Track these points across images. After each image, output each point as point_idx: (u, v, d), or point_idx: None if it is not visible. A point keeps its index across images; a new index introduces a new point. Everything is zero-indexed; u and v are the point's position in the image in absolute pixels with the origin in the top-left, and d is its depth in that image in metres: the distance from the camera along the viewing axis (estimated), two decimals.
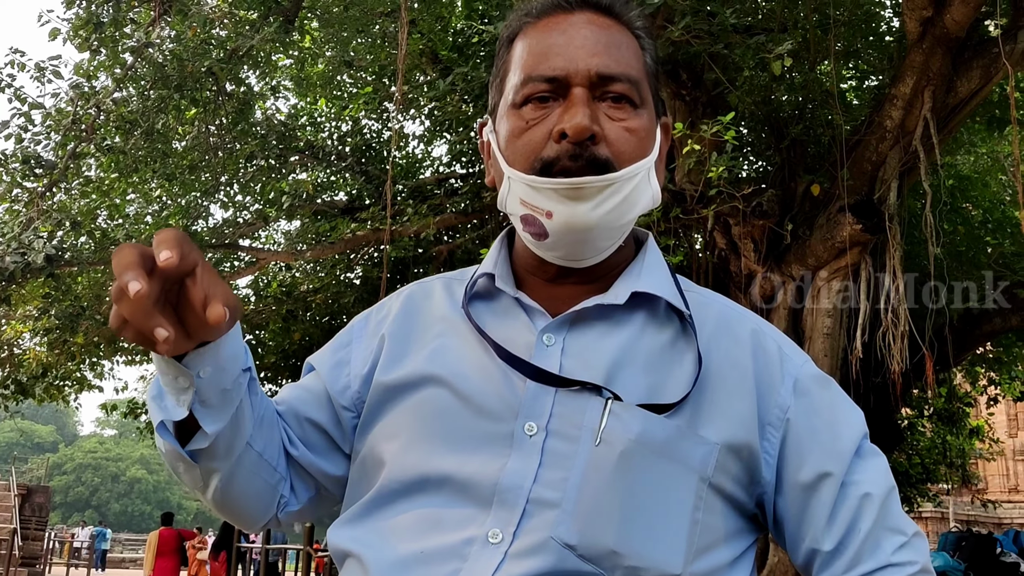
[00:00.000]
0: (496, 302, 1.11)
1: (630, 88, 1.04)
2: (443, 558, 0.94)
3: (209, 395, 0.96)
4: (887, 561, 1.00)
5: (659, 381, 1.01)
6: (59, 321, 8.43)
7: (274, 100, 9.76)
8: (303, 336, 9.91)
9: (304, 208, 9.43)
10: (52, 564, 25.50)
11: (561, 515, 0.93)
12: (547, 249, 1.06)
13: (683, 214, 6.36)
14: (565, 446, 0.97)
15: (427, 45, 8.06)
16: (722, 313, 1.10)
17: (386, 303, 1.21)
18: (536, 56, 1.05)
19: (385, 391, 1.09)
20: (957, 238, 8.17)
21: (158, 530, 13.40)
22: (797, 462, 1.03)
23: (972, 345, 8.62)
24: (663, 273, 1.10)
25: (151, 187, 9.02)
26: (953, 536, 10.77)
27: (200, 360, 0.93)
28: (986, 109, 7.53)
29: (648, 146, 1.05)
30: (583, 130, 0.99)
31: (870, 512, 1.02)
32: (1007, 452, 27.18)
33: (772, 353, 1.07)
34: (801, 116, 6.79)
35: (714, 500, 0.99)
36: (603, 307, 1.05)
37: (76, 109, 7.26)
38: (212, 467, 1.04)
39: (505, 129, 1.06)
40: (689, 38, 5.72)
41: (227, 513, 1.13)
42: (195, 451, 1.01)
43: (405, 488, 1.01)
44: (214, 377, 0.95)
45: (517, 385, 1.01)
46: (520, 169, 1.03)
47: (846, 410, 1.08)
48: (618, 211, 1.02)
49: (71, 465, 66.86)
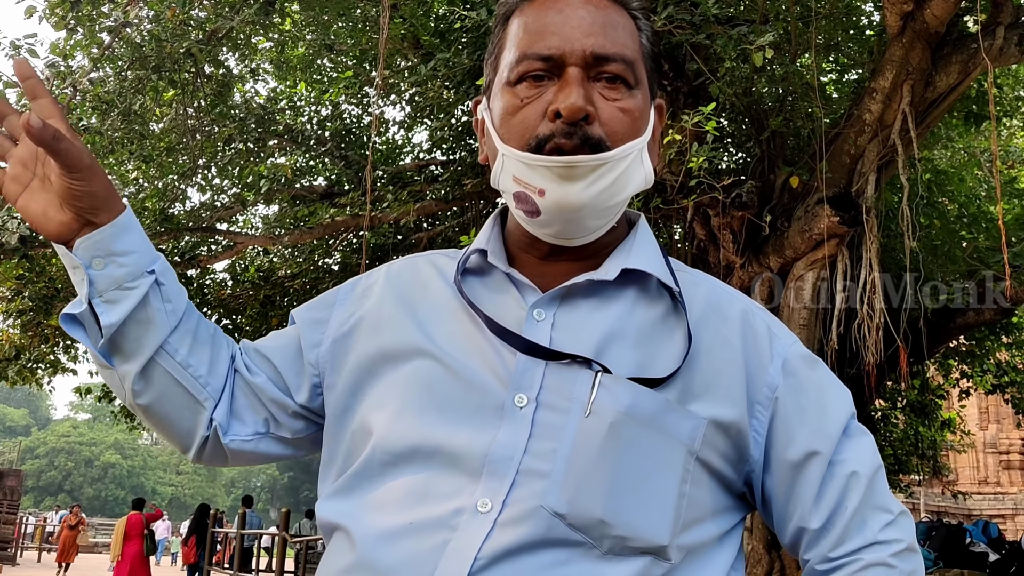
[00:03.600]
0: (488, 277, 1.11)
1: (625, 68, 1.05)
2: (432, 528, 0.94)
3: (105, 288, 1.04)
4: (873, 539, 1.01)
5: (649, 356, 1.02)
6: (33, 303, 8.34)
7: (253, 83, 9.67)
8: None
9: (283, 192, 9.36)
10: (24, 548, 25.30)
11: (551, 485, 0.94)
12: (539, 227, 1.06)
13: (663, 204, 6.37)
14: (555, 418, 0.97)
15: (409, 30, 8.00)
16: (712, 293, 1.11)
17: (373, 274, 1.21)
18: (532, 34, 1.05)
19: (369, 360, 1.09)
20: (933, 232, 8.25)
21: (127, 515, 13.38)
22: (785, 441, 1.04)
23: (946, 338, 8.71)
24: (654, 252, 1.11)
25: (127, 169, 8.91)
26: (924, 526, 10.90)
27: (89, 249, 1.03)
28: (964, 104, 7.59)
29: (641, 127, 1.06)
30: (577, 110, 0.99)
31: (857, 491, 1.03)
32: (978, 444, 27.57)
33: (761, 333, 1.08)
34: (781, 108, 6.81)
35: (701, 475, 0.99)
36: (594, 283, 1.06)
37: (52, 89, 7.16)
38: (124, 368, 1.09)
39: (500, 107, 1.07)
40: (671, 28, 5.71)
41: (152, 424, 1.16)
42: (105, 351, 1.08)
43: (394, 459, 1.01)
44: (109, 271, 1.03)
45: (507, 358, 1.02)
46: (514, 147, 1.03)
47: (834, 390, 1.09)
48: (610, 191, 1.02)
49: (44, 449, 66.32)
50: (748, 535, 6.68)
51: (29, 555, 25.92)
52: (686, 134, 5.63)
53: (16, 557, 21.96)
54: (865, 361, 6.28)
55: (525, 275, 1.09)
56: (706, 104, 5.48)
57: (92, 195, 1.02)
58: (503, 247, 1.14)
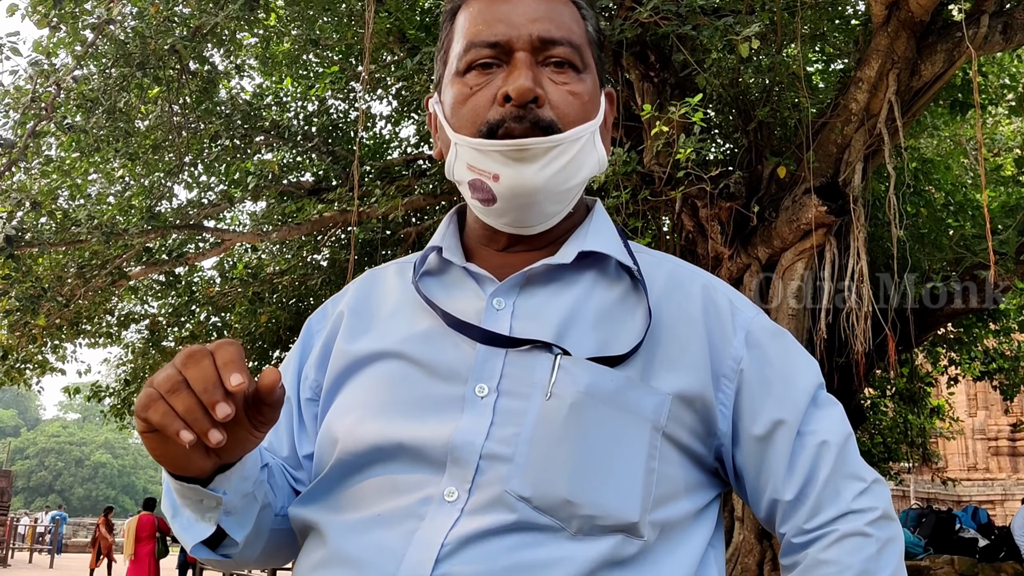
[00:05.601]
0: (446, 275, 1.12)
1: (572, 52, 1.05)
2: (400, 518, 0.94)
3: (234, 504, 0.97)
4: (848, 508, 1.00)
5: (609, 336, 1.01)
6: (19, 303, 8.28)
7: (239, 79, 9.60)
8: (270, 318, 9.83)
9: (270, 189, 9.32)
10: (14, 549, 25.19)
11: (514, 469, 0.94)
12: (496, 216, 1.07)
13: (651, 196, 6.38)
14: (517, 404, 0.97)
15: (394, 24, 7.97)
16: (673, 271, 1.11)
17: (343, 291, 1.22)
18: (479, 24, 1.06)
19: (337, 373, 1.10)
20: (920, 220, 8.28)
21: (137, 516, 13.26)
22: (752, 412, 1.04)
23: (934, 326, 8.75)
24: (611, 234, 1.11)
25: (113, 167, 8.86)
26: (914, 513, 10.97)
27: (227, 481, 0.95)
28: (949, 93, 7.62)
29: (592, 110, 1.07)
30: (526, 91, 1.00)
31: (828, 460, 1.02)
32: (966, 431, 27.73)
33: (723, 307, 1.08)
34: (768, 98, 6.82)
35: (670, 451, 0.99)
36: (552, 268, 1.06)
37: (35, 87, 7.11)
38: (246, 555, 1.06)
39: (450, 97, 1.08)
40: (657, 19, 5.71)
41: (265, 566, 1.17)
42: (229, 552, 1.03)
43: (359, 461, 1.01)
44: (238, 487, 0.97)
45: (467, 351, 1.02)
46: (466, 134, 1.04)
47: (800, 360, 1.09)
48: (564, 173, 1.03)
49: (34, 449, 66.01)
50: (740, 525, 6.71)
51: (20, 556, 25.82)
52: (673, 125, 5.64)
53: (7, 558, 21.87)
54: (854, 350, 6.30)
55: (484, 268, 1.09)
56: (693, 95, 5.48)
57: (257, 444, 0.95)
58: (459, 243, 1.14)
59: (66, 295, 8.67)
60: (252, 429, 0.90)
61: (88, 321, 9.79)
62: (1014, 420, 20.99)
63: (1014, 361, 11.33)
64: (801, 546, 1.01)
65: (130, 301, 10.69)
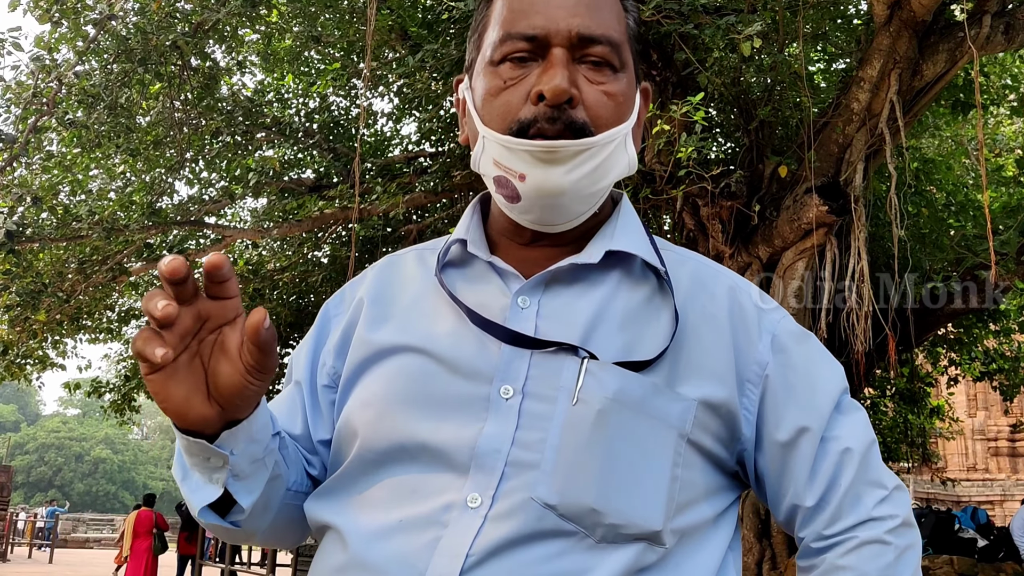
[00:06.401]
0: (469, 268, 1.09)
1: (610, 51, 1.02)
2: (423, 525, 0.93)
3: (242, 468, 0.95)
4: (868, 515, 1.00)
5: (635, 338, 0.99)
6: (20, 298, 8.29)
7: (240, 75, 9.61)
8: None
9: (271, 185, 9.32)
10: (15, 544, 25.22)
11: (540, 475, 0.92)
12: (520, 212, 1.04)
13: (652, 194, 6.37)
14: (542, 407, 0.95)
15: (396, 21, 7.97)
16: (698, 270, 1.09)
17: (361, 276, 1.19)
18: (516, 12, 1.02)
19: (357, 363, 1.07)
20: (921, 220, 8.28)
21: (136, 512, 13.24)
22: (776, 418, 1.02)
23: (934, 326, 8.75)
24: (638, 232, 1.08)
25: (114, 163, 8.86)
26: (913, 513, 10.96)
27: (234, 439, 0.92)
28: (951, 93, 7.62)
29: (626, 111, 1.03)
30: (561, 92, 0.97)
31: (850, 467, 1.01)
32: (966, 432, 27.72)
33: (749, 310, 1.06)
34: (769, 97, 6.82)
35: (693, 456, 0.97)
36: (578, 267, 1.04)
37: (37, 82, 7.11)
38: (253, 526, 1.03)
39: (482, 87, 1.04)
40: (659, 18, 5.71)
41: (272, 544, 1.13)
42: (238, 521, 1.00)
43: (380, 458, 0.99)
44: (246, 450, 0.94)
45: (492, 350, 0.99)
46: (496, 129, 1.01)
47: (825, 365, 1.07)
48: (592, 176, 1.00)
49: (34, 445, 66.01)
50: (739, 523, 6.71)
51: (20, 551, 25.84)
52: (675, 124, 5.64)
53: (7, 553, 21.89)
54: (854, 350, 6.30)
55: (508, 262, 1.06)
56: (694, 94, 5.48)
57: (258, 395, 0.91)
58: (483, 235, 1.11)
59: (67, 291, 8.68)
60: (246, 373, 0.87)
61: (88, 317, 9.81)
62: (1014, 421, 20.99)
63: (1014, 362, 11.32)
64: (819, 551, 1.01)
65: (131, 297, 10.70)
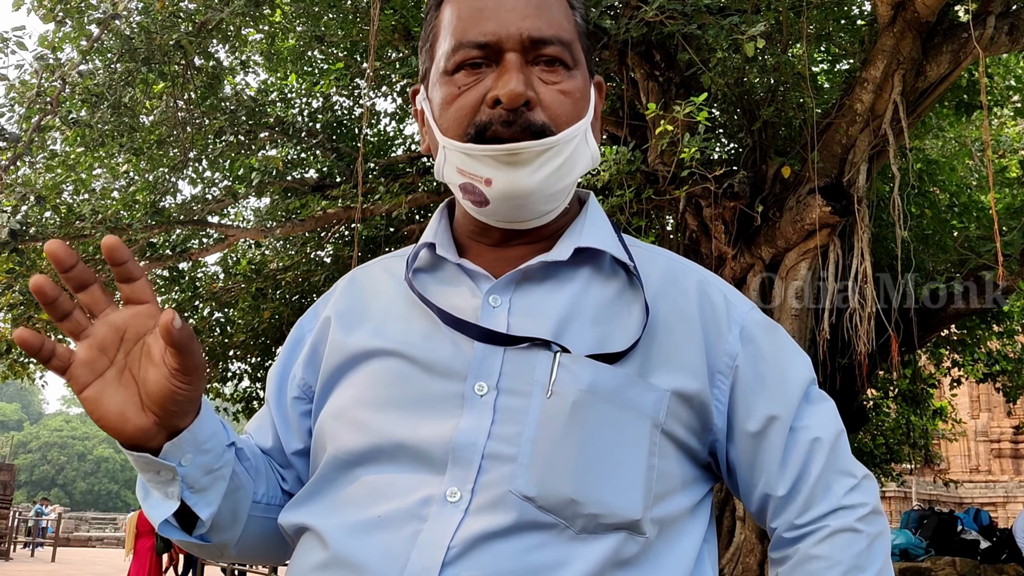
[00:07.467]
0: (440, 271, 1.10)
1: (563, 50, 1.03)
2: (402, 520, 0.93)
3: (196, 479, 0.95)
4: (839, 504, 1.01)
5: (607, 332, 1.01)
6: (23, 297, 8.30)
7: (244, 75, 9.62)
8: (273, 314, 9.84)
9: (274, 185, 9.33)
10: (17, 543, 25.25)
11: (518, 468, 0.93)
12: (489, 215, 1.05)
13: (655, 195, 6.37)
14: (517, 402, 0.96)
15: (399, 21, 7.97)
16: (668, 266, 1.10)
17: (331, 291, 1.20)
18: (466, 20, 1.03)
19: (329, 372, 1.08)
20: (924, 221, 8.27)
21: (137, 511, 13.25)
22: (746, 408, 1.04)
23: (937, 327, 8.73)
24: (606, 229, 1.10)
25: (118, 162, 8.87)
26: (916, 515, 10.95)
27: (178, 449, 0.93)
28: (955, 94, 7.60)
29: (583, 107, 1.05)
30: (517, 96, 0.98)
31: (820, 456, 1.03)
32: (969, 433, 27.67)
33: (718, 302, 1.08)
34: (773, 98, 6.81)
35: (668, 447, 0.99)
36: (548, 265, 1.05)
37: (41, 81, 7.12)
38: (224, 539, 1.04)
39: (438, 97, 1.05)
40: (663, 18, 5.70)
41: (250, 560, 1.14)
42: (204, 533, 1.01)
43: (356, 459, 1.00)
44: (197, 461, 0.94)
45: (465, 349, 1.00)
46: (454, 137, 1.02)
47: (793, 355, 1.09)
48: (558, 174, 1.01)
49: (36, 444, 66.15)
50: (741, 525, 6.70)
51: (23, 550, 25.87)
52: (678, 124, 5.63)
53: (9, 552, 21.92)
54: (856, 351, 6.29)
55: (478, 264, 1.07)
56: (697, 94, 5.47)
57: (191, 400, 0.91)
58: (451, 238, 1.12)
59: None
60: (171, 377, 0.87)
61: None
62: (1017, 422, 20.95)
63: (1017, 363, 11.31)
64: (792, 541, 1.02)
65: None
